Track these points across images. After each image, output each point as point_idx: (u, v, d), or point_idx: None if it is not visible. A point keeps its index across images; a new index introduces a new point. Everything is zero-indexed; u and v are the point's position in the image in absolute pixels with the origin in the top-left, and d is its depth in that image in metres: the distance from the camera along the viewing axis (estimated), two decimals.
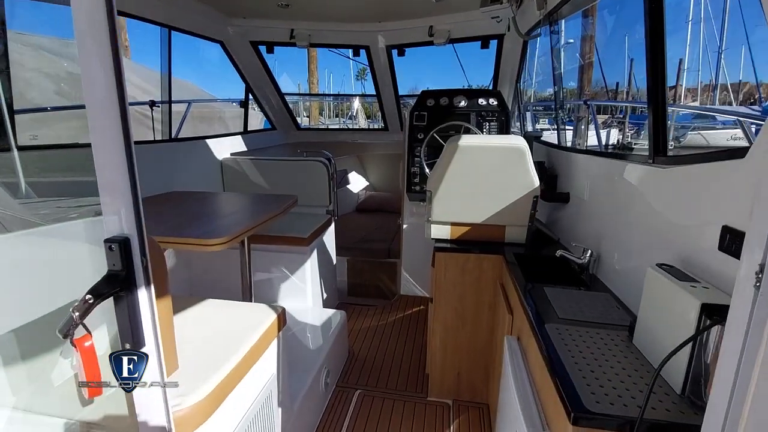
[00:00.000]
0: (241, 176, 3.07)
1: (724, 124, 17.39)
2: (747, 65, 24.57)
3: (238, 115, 5.45)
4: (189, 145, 2.86)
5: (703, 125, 17.60)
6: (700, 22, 23.80)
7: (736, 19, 19.66)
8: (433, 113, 2.96)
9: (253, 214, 1.96)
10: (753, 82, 22.80)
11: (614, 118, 13.68)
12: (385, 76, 3.44)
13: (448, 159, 1.86)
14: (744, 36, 19.82)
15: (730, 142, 16.12)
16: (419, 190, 2.94)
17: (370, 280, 4.03)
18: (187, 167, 2.78)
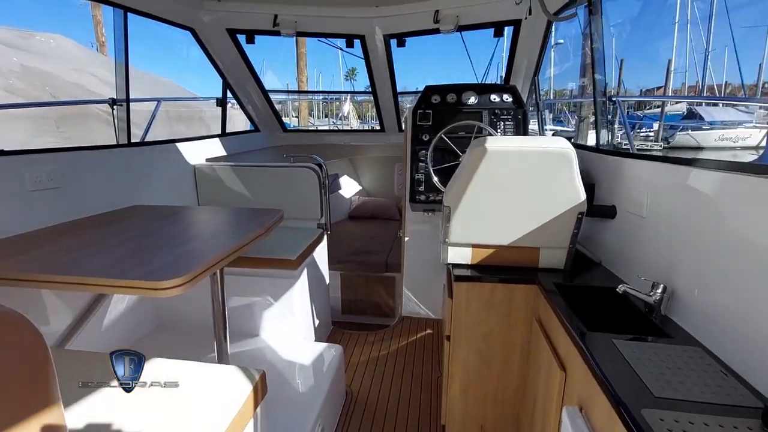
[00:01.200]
0: (217, 185, 2.65)
1: (712, 125, 17.51)
2: (731, 67, 24.83)
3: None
4: (155, 150, 2.42)
5: (692, 125, 17.69)
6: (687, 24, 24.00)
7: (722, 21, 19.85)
8: (438, 111, 2.57)
9: (228, 236, 1.55)
10: (737, 83, 23.08)
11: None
12: (383, 70, 3.05)
13: (472, 166, 1.48)
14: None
15: (718, 143, 16.23)
16: (425, 199, 2.56)
17: (367, 296, 3.65)
18: (153, 176, 2.35)
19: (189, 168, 2.64)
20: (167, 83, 6.24)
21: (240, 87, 3.12)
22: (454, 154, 2.48)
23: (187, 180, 2.63)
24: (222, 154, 2.95)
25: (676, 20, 24.28)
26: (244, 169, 2.63)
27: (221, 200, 2.69)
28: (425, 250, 2.90)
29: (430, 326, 2.96)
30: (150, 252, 1.34)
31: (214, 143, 2.91)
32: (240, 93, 3.17)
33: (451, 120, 2.53)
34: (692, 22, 24.07)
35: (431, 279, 2.95)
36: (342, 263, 3.65)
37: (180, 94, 5.83)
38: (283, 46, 40.68)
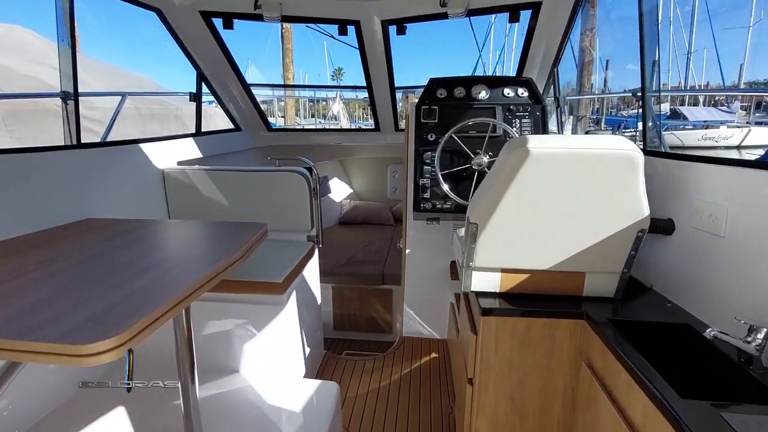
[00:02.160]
0: (191, 193, 2.28)
1: (694, 125, 17.70)
2: (711, 68, 25.28)
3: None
4: (115, 152, 2.05)
5: (675, 125, 17.87)
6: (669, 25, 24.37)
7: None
8: (445, 108, 2.26)
9: (196, 263, 1.20)
10: (718, 83, 23.51)
11: None
12: (379, 61, 2.72)
13: (508, 173, 1.16)
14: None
15: (701, 142, 16.39)
16: (431, 208, 2.24)
17: (362, 310, 3.32)
18: (112, 182, 1.98)
19: (157, 172, 2.27)
20: (143, 80, 5.79)
21: (217, 80, 2.75)
22: (464, 156, 2.17)
23: (154, 187, 2.25)
24: (197, 156, 2.58)
25: (659, 21, 24.56)
26: (222, 173, 2.27)
27: (195, 210, 2.32)
28: (428, 263, 2.58)
29: (435, 348, 2.64)
30: (87, 290, 0.99)
31: (188, 144, 2.54)
32: (218, 87, 2.80)
33: (461, 117, 2.22)
34: (674, 23, 24.44)
35: (435, 295, 2.63)
36: (333, 275, 3.33)
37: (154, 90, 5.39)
38: (267, 42, 39.69)
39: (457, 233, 1.78)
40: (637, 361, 1.01)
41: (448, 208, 2.22)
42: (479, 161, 2.06)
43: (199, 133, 2.65)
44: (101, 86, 4.55)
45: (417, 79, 58.97)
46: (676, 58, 23.81)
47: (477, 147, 2.12)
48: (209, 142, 2.72)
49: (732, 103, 20.25)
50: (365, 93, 3.14)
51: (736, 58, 31.45)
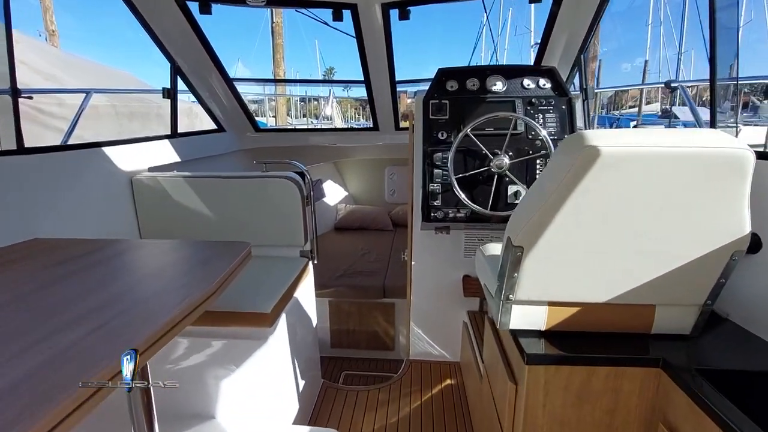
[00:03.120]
0: (164, 204, 1.97)
1: (685, 125, 17.64)
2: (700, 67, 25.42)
3: (185, 111, 4.28)
4: (73, 157, 1.73)
5: (667, 125, 17.81)
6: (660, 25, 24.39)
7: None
8: (457, 102, 1.97)
9: (157, 303, 0.91)
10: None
11: None
12: (379, 50, 2.42)
13: (569, 181, 0.86)
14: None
15: None
16: (442, 217, 1.94)
17: (361, 326, 3.04)
18: (66, 194, 1.66)
19: (124, 180, 1.95)
20: (124, 76, 5.42)
21: (196, 74, 2.43)
22: (480, 157, 1.88)
23: (120, 197, 1.93)
24: (173, 160, 2.26)
25: (649, 21, 24.57)
26: (200, 181, 1.95)
27: (169, 224, 2.01)
28: (437, 277, 2.29)
29: (447, 373, 2.34)
30: (8, 343, 0.69)
31: (162, 147, 2.22)
32: (197, 82, 2.47)
33: (474, 112, 1.93)
34: (665, 22, 24.45)
35: (446, 312, 2.35)
36: (329, 288, 3.04)
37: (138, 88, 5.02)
38: (257, 38, 38.16)
39: (483, 251, 1.49)
40: (747, 427, 0.72)
41: (462, 217, 1.93)
42: (499, 163, 1.77)
43: (175, 135, 2.32)
44: (76, 83, 4.21)
45: (419, 71, 55.68)
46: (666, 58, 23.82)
47: (495, 147, 1.84)
48: (187, 144, 2.40)
49: (722, 102, 20.17)
50: (358, 91, 2.86)
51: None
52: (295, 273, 1.85)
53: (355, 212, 4.62)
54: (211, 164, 2.65)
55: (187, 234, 2.02)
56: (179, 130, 2.36)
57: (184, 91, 2.54)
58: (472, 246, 2.25)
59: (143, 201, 1.99)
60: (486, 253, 1.43)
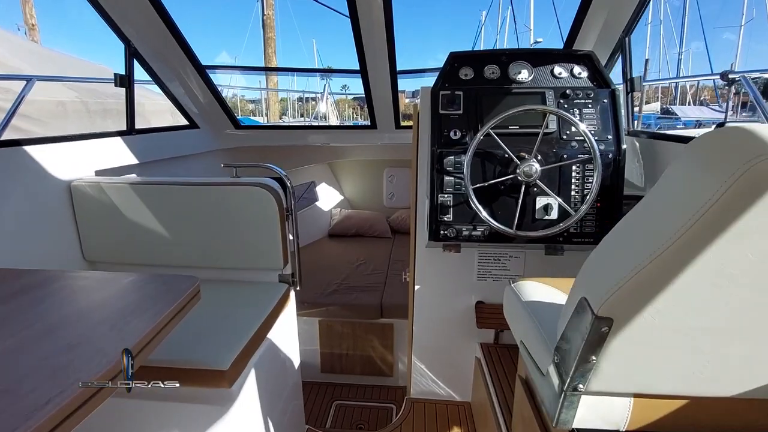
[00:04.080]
0: (111, 217, 1.59)
1: (686, 125, 17.27)
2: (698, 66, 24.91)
3: (168, 108, 3.89)
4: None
5: (668, 125, 17.43)
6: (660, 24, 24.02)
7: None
8: (474, 93, 1.59)
9: (52, 374, 0.54)
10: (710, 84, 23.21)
11: None
12: (377, 35, 2.04)
13: (719, 216, 0.49)
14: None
15: None
16: (454, 235, 1.57)
17: (356, 348, 2.71)
18: None
19: (60, 187, 1.57)
20: (101, 70, 5.01)
21: (158, 59, 2.03)
22: (503, 162, 1.51)
23: (55, 208, 1.55)
24: (128, 162, 1.87)
25: (648, 21, 24.27)
26: (154, 188, 1.58)
27: (118, 243, 1.63)
28: (445, 303, 1.93)
29: (455, 416, 1.97)
30: None
31: (114, 145, 1.83)
32: (159, 69, 2.08)
33: (496, 106, 1.56)
34: (665, 23, 24.13)
35: (454, 345, 1.98)
36: (320, 306, 2.69)
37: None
38: (246, 33, 36.54)
39: (518, 294, 1.11)
40: None
41: (479, 236, 1.56)
42: (528, 170, 1.40)
43: (132, 131, 1.94)
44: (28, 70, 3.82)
45: (424, 60, 51.30)
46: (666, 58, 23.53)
47: (521, 149, 1.47)
48: (148, 142, 2.02)
49: (724, 102, 19.84)
50: (355, 91, 2.48)
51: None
52: (271, 305, 1.48)
53: (351, 217, 4.26)
54: (180, 167, 2.26)
55: (139, 255, 1.64)
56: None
57: (146, 81, 2.16)
58: (487, 267, 1.88)
59: (85, 213, 1.61)
60: (524, 296, 1.05)
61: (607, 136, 1.51)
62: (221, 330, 1.26)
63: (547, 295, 1.01)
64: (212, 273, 1.67)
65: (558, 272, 1.85)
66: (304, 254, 3.71)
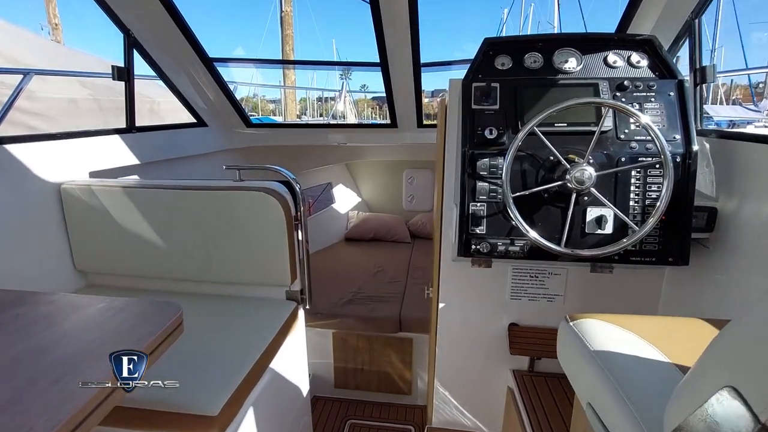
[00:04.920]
0: (104, 223, 1.43)
1: (718, 124, 16.28)
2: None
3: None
4: None
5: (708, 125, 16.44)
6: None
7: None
8: (513, 85, 1.36)
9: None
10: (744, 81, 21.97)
11: None
12: (400, 23, 1.84)
13: None
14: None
15: None
16: (487, 250, 1.34)
17: (372, 364, 2.51)
18: None
19: (48, 190, 1.42)
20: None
21: (162, 50, 1.88)
22: (548, 166, 1.28)
23: (42, 214, 1.40)
24: (128, 162, 1.72)
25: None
26: (152, 192, 1.41)
27: (112, 252, 1.47)
28: (472, 323, 1.71)
29: None
30: None
31: (111, 144, 1.68)
32: (163, 62, 1.92)
33: (544, 100, 1.33)
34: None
35: (482, 370, 1.76)
36: (335, 317, 2.51)
37: (143, 84, 4.51)
38: (263, 31, 34.80)
39: (579, 331, 0.88)
40: None
41: (517, 251, 1.33)
42: (579, 175, 1.17)
43: (131, 129, 1.78)
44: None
45: (449, 51, 45.70)
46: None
47: (568, 151, 1.24)
48: (151, 142, 1.86)
49: (760, 101, 18.70)
50: (374, 90, 2.28)
51: None
52: (275, 327, 1.29)
53: (368, 221, 4.07)
54: (186, 168, 2.11)
55: (134, 265, 1.48)
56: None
57: (151, 76, 2.01)
58: (522, 284, 1.65)
59: (76, 219, 1.46)
60: (590, 340, 0.82)
61: (674, 135, 1.27)
62: (214, 361, 1.08)
63: (621, 342, 0.78)
64: (212, 288, 1.49)
65: (605, 292, 1.61)
66: (319, 259, 3.51)
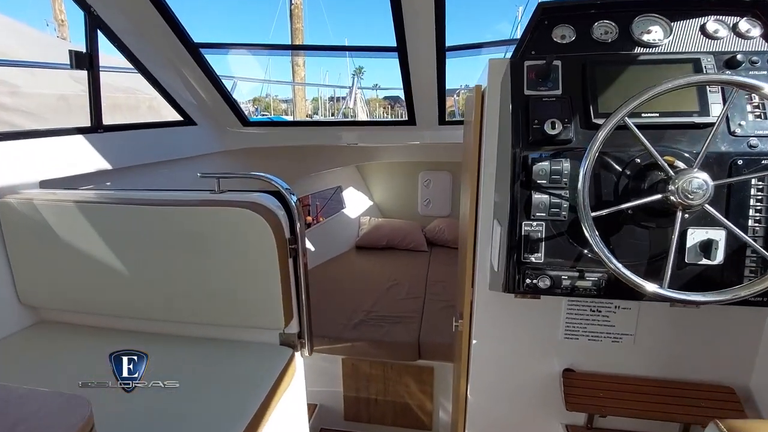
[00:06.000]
0: (51, 248, 1.13)
1: None
2: None
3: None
4: None
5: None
6: None
7: None
8: (579, 64, 1.01)
9: None
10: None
11: None
12: (421, 3, 1.49)
13: None
14: None
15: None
16: (546, 286, 0.99)
17: (387, 394, 2.24)
18: None
19: None
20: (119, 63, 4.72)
21: (133, 34, 1.55)
22: (637, 174, 0.93)
23: None
24: (93, 168, 1.42)
25: None
26: (109, 208, 1.10)
27: (63, 283, 1.17)
28: (514, 366, 1.36)
29: None
30: None
31: (71, 147, 1.38)
32: (137, 48, 1.60)
33: (629, 83, 0.98)
34: None
35: (527, 423, 1.41)
36: (344, 342, 2.22)
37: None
38: (272, 25, 31.77)
39: None
40: None
41: (589, 288, 0.98)
42: (687, 186, 0.82)
43: (97, 128, 1.48)
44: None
45: (478, 33, 34.50)
46: None
47: (663, 151, 0.89)
48: (125, 143, 1.56)
49: None
50: (387, 86, 1.94)
51: None
52: (266, 386, 0.97)
53: (381, 227, 3.76)
54: (169, 174, 1.80)
55: (91, 300, 1.17)
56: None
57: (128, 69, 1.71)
58: (580, 320, 1.31)
59: (19, 241, 1.16)
60: None
61: None
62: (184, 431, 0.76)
63: None
64: (186, 329, 1.18)
65: (687, 332, 1.26)
66: (327, 270, 3.15)
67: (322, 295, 2.66)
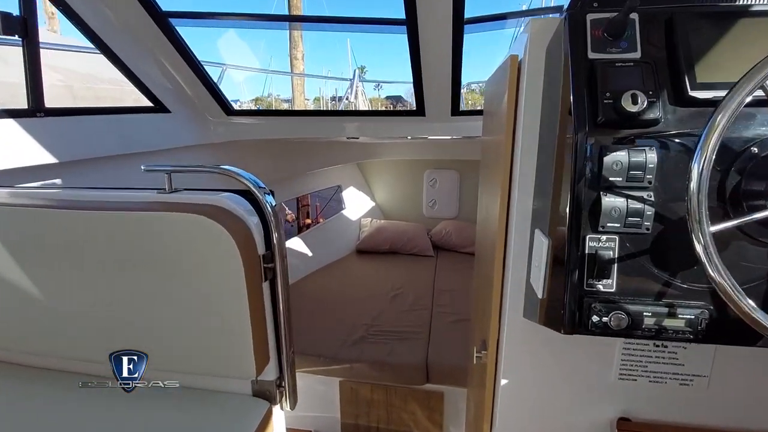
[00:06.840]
0: None
1: None
2: None
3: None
4: None
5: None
6: None
7: None
8: (663, 18, 0.73)
9: None
10: None
11: None
12: None
13: None
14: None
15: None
16: (621, 327, 0.70)
17: (391, 422, 2.02)
18: None
19: None
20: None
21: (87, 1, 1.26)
22: (749, 169, 0.65)
23: None
24: (30, 162, 1.14)
25: None
26: (36, 213, 0.82)
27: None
28: (555, 409, 1.09)
29: None
30: None
31: (7, 133, 1.10)
32: (87, 14, 1.30)
33: (725, 42, 0.70)
34: None
35: None
36: (342, 362, 1.98)
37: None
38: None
39: None
40: None
41: (682, 329, 0.70)
42: None
43: (38, 111, 1.19)
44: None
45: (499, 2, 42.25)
46: None
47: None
48: (74, 131, 1.28)
49: None
50: (390, 89, 1.68)
51: None
52: None
53: (384, 230, 3.51)
54: (132, 171, 1.51)
55: (11, 333, 0.90)
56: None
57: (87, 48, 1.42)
58: (641, 357, 1.03)
59: None
60: None
61: None
62: None
63: None
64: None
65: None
66: (325, 277, 2.85)
67: (318, 306, 2.40)
